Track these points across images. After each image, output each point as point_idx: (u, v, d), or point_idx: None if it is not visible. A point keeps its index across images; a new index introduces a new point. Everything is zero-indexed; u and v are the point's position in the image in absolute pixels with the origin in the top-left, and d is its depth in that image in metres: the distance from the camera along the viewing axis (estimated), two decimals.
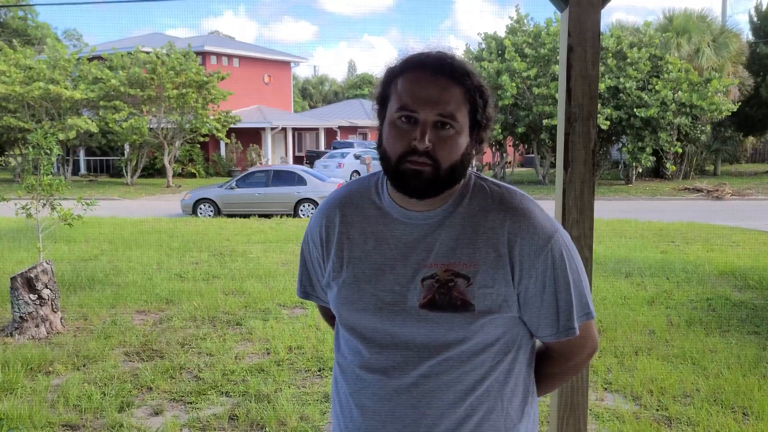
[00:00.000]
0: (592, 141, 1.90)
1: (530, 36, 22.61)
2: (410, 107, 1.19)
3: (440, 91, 1.19)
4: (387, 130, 1.23)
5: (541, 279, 1.23)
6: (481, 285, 1.21)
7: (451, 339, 1.22)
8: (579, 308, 1.27)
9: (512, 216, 1.24)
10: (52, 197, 6.22)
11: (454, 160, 1.21)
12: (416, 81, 1.20)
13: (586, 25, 1.87)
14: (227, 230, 12.50)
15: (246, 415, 3.87)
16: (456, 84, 1.20)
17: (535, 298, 1.24)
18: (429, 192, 1.21)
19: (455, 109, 1.19)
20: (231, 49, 32.42)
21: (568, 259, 1.26)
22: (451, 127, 1.19)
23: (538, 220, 1.24)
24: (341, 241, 1.32)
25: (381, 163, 1.25)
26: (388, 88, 1.25)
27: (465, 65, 1.23)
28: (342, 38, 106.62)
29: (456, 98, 1.20)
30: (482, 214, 1.25)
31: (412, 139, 1.18)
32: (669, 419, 3.80)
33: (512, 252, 1.22)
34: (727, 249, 9.71)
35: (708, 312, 6.10)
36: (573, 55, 1.87)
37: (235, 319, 5.99)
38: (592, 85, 1.89)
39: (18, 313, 5.35)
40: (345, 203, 1.35)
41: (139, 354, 5.02)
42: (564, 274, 1.24)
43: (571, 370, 1.42)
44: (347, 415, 1.32)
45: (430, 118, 1.18)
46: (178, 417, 3.89)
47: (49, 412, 3.91)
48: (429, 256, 1.24)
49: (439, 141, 1.18)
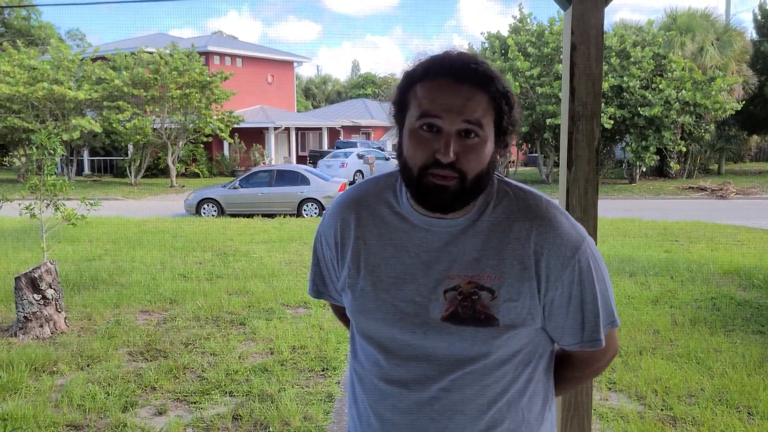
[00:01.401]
0: (595, 139, 1.90)
1: (533, 35, 22.58)
2: (433, 114, 1.12)
3: (465, 99, 1.12)
4: (407, 139, 1.16)
5: (568, 291, 1.19)
6: (506, 299, 1.17)
7: (474, 353, 1.18)
8: (605, 318, 1.23)
9: (538, 226, 1.18)
10: (55, 197, 6.24)
11: (481, 170, 1.14)
12: (439, 88, 1.13)
13: (589, 23, 1.86)
14: (231, 230, 12.51)
15: (249, 415, 3.87)
16: (481, 91, 1.13)
17: (561, 309, 1.20)
18: (454, 206, 1.16)
19: (481, 116, 1.12)
20: (234, 49, 32.45)
21: (595, 269, 1.21)
22: (477, 135, 1.12)
23: (565, 230, 1.19)
24: (357, 246, 1.26)
25: (402, 175, 1.19)
26: (407, 94, 1.17)
27: (489, 70, 1.16)
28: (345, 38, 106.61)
29: (482, 106, 1.13)
30: (507, 223, 1.19)
31: (435, 150, 1.11)
32: (674, 419, 3.79)
33: (539, 264, 1.17)
34: (732, 248, 9.68)
35: (712, 311, 6.08)
36: (576, 53, 1.87)
37: (238, 319, 5.99)
38: (595, 83, 1.88)
39: (22, 313, 5.36)
40: (360, 205, 1.29)
41: (143, 354, 5.03)
42: (591, 285, 1.20)
43: (592, 374, 1.39)
44: (365, 422, 1.29)
45: (455, 127, 1.11)
46: (182, 417, 3.90)
47: (53, 412, 3.92)
48: (452, 267, 1.18)
49: (464, 151, 1.12)
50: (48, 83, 22.21)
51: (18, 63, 22.95)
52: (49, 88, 22.02)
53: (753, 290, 6.87)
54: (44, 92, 22.07)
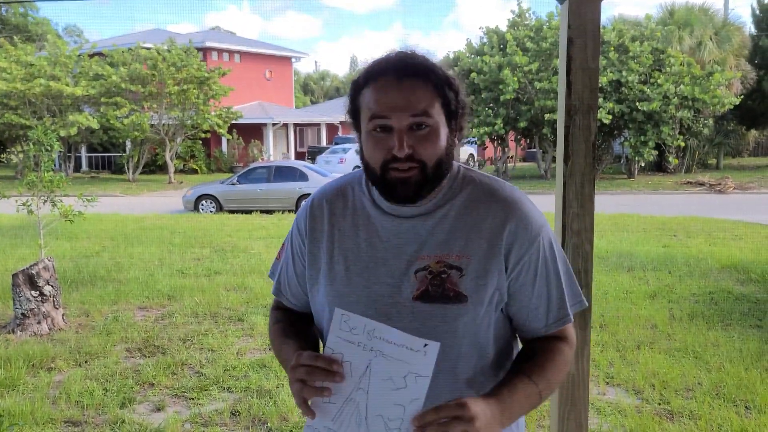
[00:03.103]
0: (592, 134, 1.89)
1: (532, 30, 22.53)
2: (381, 115, 1.18)
3: (408, 94, 1.17)
4: (365, 142, 1.23)
5: (534, 267, 1.24)
6: (474, 276, 1.21)
7: (444, 330, 1.21)
8: (571, 297, 1.29)
9: (503, 207, 1.25)
10: (52, 194, 6.22)
11: (439, 156, 1.20)
12: (382, 89, 1.19)
13: (586, 17, 1.85)
14: (229, 226, 12.50)
15: (248, 411, 3.87)
16: (422, 82, 1.19)
17: (527, 287, 1.25)
18: (419, 195, 1.21)
19: (427, 105, 1.17)
20: (232, 44, 32.38)
21: (557, 249, 1.29)
22: (427, 125, 1.18)
23: (530, 211, 1.26)
24: (332, 235, 1.31)
25: (367, 175, 1.26)
26: (356, 102, 1.24)
27: (427, 61, 1.21)
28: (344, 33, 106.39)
29: (426, 96, 1.18)
30: (473, 205, 1.26)
31: (390, 147, 1.17)
32: (671, 413, 3.79)
33: (505, 242, 1.23)
34: (730, 243, 9.69)
35: (710, 306, 6.09)
36: (573, 47, 1.86)
37: (236, 315, 5.99)
38: (592, 77, 1.87)
39: (20, 310, 5.35)
40: (333, 196, 1.35)
41: (141, 350, 5.02)
42: (554, 263, 1.27)
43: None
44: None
45: (404, 123, 1.17)
46: (180, 413, 3.90)
47: (51, 409, 3.92)
48: (422, 249, 1.23)
49: (419, 142, 1.17)
50: (45, 79, 22.16)
51: (15, 59, 22.89)
52: (46, 84, 21.97)
53: (751, 285, 6.88)
54: (41, 88, 22.02)
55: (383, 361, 1.11)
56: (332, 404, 1.13)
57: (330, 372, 1.12)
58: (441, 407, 1.07)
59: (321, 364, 1.13)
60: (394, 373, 1.10)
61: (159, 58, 23.22)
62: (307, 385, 1.13)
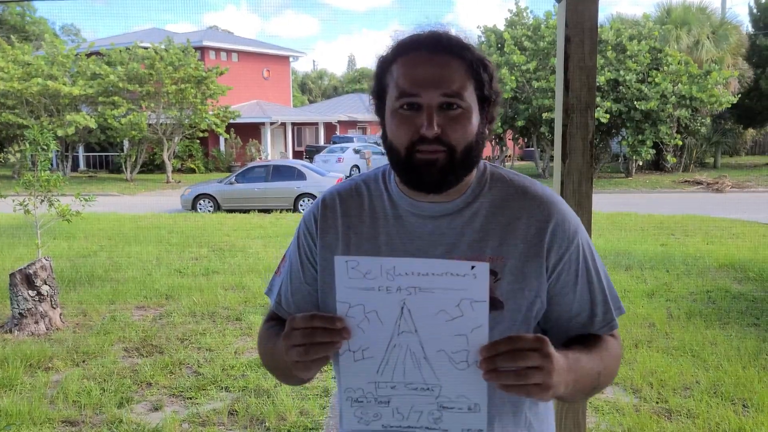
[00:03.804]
0: (590, 132, 1.89)
1: (529, 29, 22.55)
2: (410, 92, 1.07)
3: (441, 69, 1.07)
4: (389, 120, 1.11)
5: (575, 268, 1.14)
6: (510, 280, 1.11)
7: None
8: (614, 301, 1.19)
9: (539, 205, 1.15)
10: (50, 193, 6.21)
11: (469, 142, 1.09)
12: (412, 63, 1.09)
13: (583, 15, 1.85)
14: (227, 225, 12.49)
15: (246, 410, 3.87)
16: (456, 59, 1.09)
17: (567, 290, 1.14)
18: (446, 183, 1.10)
19: (460, 86, 1.08)
20: (230, 44, 32.33)
21: (594, 249, 1.19)
22: (459, 106, 1.07)
23: (567, 209, 1.17)
24: (348, 237, 1.18)
25: (389, 158, 1.14)
26: (383, 79, 1.13)
27: (461, 40, 1.12)
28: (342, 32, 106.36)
29: (459, 74, 1.08)
30: (506, 203, 1.15)
31: (418, 126, 1.06)
32: (669, 412, 3.80)
33: (544, 241, 1.12)
34: (727, 241, 9.70)
35: (708, 304, 6.09)
36: (570, 45, 1.86)
37: (234, 315, 5.98)
38: (589, 76, 1.87)
39: (17, 310, 5.34)
40: (347, 195, 1.22)
41: (139, 350, 5.02)
42: (594, 264, 1.17)
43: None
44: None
45: (435, 101, 1.06)
46: (178, 412, 3.89)
47: (48, 408, 3.91)
48: (451, 251, 1.12)
49: (449, 123, 1.07)
50: (42, 79, 22.10)
51: (12, 58, 22.83)
52: (44, 83, 21.91)
53: (748, 283, 6.89)
54: (39, 88, 21.97)
55: (424, 296, 0.98)
56: (371, 358, 1.01)
57: (332, 330, 0.98)
58: (516, 337, 0.94)
59: (319, 324, 0.99)
60: (444, 303, 0.98)
61: (156, 58, 23.17)
62: (307, 349, 0.98)
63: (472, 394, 1.00)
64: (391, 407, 1.03)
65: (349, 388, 1.04)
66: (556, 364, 0.94)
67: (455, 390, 1.00)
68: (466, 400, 1.00)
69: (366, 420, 1.03)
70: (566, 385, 1.00)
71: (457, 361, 0.99)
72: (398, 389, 1.01)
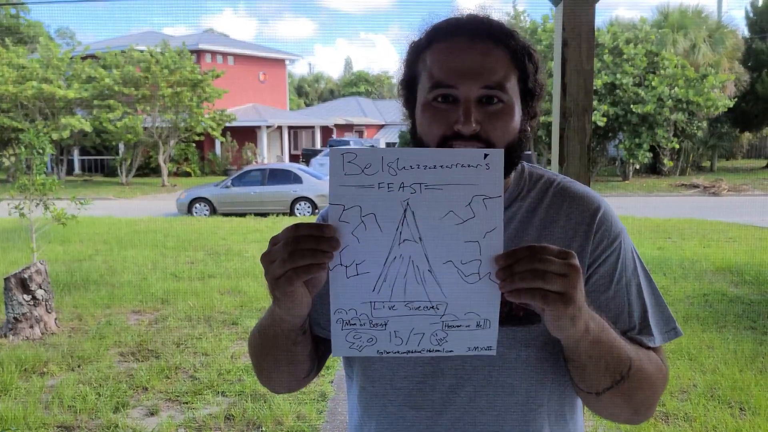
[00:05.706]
0: (587, 136, 1.89)
1: (527, 32, 22.58)
2: (446, 83, 0.96)
3: (481, 58, 0.96)
4: (420, 114, 1.00)
5: (610, 272, 1.03)
6: None
7: (512, 360, 1.01)
8: (662, 322, 1.09)
9: (581, 206, 1.05)
10: (45, 197, 6.19)
11: (511, 140, 0.98)
12: (450, 51, 0.97)
13: (580, 19, 1.85)
14: (223, 229, 12.46)
15: (242, 415, 3.85)
16: (499, 47, 0.98)
17: (605, 288, 1.03)
18: None
19: (503, 77, 0.97)
20: (226, 47, 32.33)
21: (642, 263, 1.08)
22: (500, 100, 0.97)
23: (611, 212, 1.07)
24: None
25: None
26: (415, 67, 1.02)
27: (504, 24, 1.01)
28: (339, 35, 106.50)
29: (502, 64, 0.97)
30: (546, 205, 1.06)
31: (453, 121, 0.95)
32: (666, 415, 3.79)
33: (586, 244, 1.03)
34: (724, 245, 9.71)
35: (705, 308, 6.10)
36: (567, 49, 1.86)
37: (230, 319, 5.96)
38: (587, 80, 1.87)
39: (12, 314, 5.31)
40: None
41: (135, 354, 4.99)
42: (635, 274, 1.06)
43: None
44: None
45: (474, 94, 0.95)
46: (174, 417, 3.87)
47: (43, 413, 3.89)
48: None
49: (489, 119, 0.96)
50: (37, 82, 22.05)
51: (7, 62, 22.77)
52: (39, 86, 21.87)
53: (745, 286, 6.89)
54: (33, 91, 21.92)
55: (431, 194, 0.84)
56: (366, 274, 0.86)
57: (320, 238, 0.83)
58: (538, 246, 0.82)
59: (305, 231, 0.84)
60: (453, 203, 0.85)
61: (152, 61, 23.15)
62: (292, 254, 0.84)
63: (483, 309, 0.87)
64: (388, 330, 0.88)
65: (340, 309, 0.88)
66: (580, 283, 0.83)
67: (463, 306, 0.87)
68: (475, 316, 0.87)
69: (359, 345, 0.88)
70: (585, 324, 0.87)
71: (466, 274, 0.86)
72: (397, 309, 0.87)
